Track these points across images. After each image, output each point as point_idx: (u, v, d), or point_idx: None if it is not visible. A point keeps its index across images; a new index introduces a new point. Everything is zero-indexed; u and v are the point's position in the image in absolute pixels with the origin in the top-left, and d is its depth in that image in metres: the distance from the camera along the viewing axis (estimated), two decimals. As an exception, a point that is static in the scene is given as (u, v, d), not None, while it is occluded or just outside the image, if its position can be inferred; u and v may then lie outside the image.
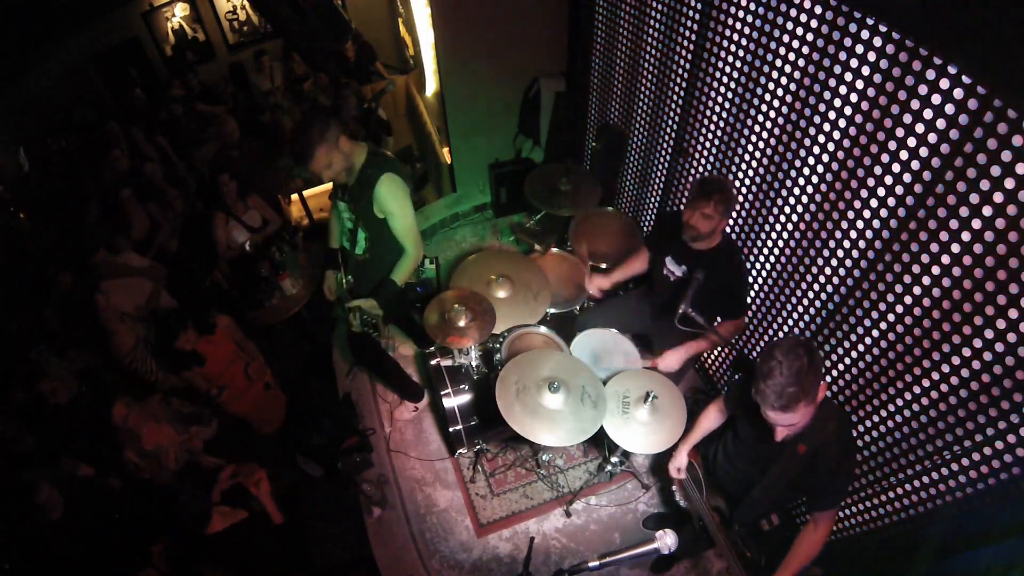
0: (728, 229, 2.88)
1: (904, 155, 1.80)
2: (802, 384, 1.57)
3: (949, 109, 1.61)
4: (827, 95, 2.06)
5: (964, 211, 1.64)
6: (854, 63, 1.90)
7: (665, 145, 3.33)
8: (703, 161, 2.96)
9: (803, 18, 2.06)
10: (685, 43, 2.84)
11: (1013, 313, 1.57)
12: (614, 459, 2.98)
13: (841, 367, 2.35)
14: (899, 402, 2.06)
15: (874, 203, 1.98)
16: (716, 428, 2.28)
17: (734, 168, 2.73)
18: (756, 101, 2.45)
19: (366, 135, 4.56)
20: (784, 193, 2.45)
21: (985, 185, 1.55)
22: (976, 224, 1.62)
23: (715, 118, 2.76)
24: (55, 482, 2.52)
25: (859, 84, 1.91)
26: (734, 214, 2.81)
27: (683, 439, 2.36)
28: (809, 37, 2.06)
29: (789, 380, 1.57)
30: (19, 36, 5.20)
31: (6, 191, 5.07)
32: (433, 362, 3.03)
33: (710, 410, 2.28)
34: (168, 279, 3.73)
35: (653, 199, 3.69)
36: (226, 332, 3.39)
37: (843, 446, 1.82)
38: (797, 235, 2.44)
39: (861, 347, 2.21)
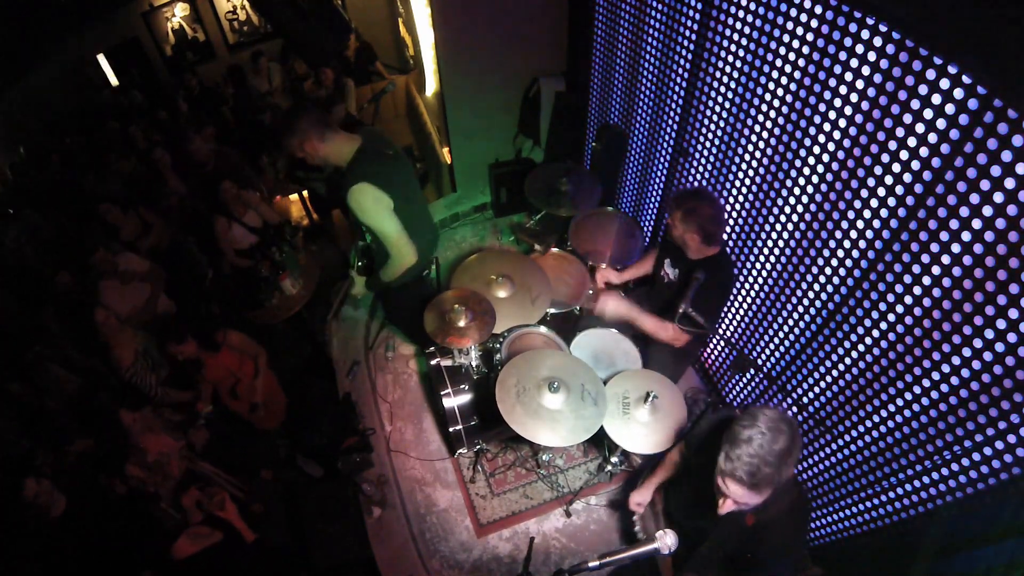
0: (727, 231, 2.89)
1: (904, 155, 1.80)
2: (779, 468, 1.45)
3: (949, 109, 1.61)
4: (827, 95, 2.06)
5: (964, 211, 1.64)
6: (854, 63, 1.90)
7: (665, 145, 3.33)
8: (703, 161, 2.96)
9: (803, 18, 2.06)
10: (685, 43, 2.84)
11: (1013, 313, 1.57)
12: (614, 459, 2.98)
13: (841, 367, 2.34)
14: (899, 402, 2.06)
15: (874, 203, 1.98)
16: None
17: (734, 168, 2.73)
18: (756, 101, 2.45)
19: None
20: (784, 193, 2.45)
21: (985, 185, 1.55)
22: (976, 224, 1.62)
23: (715, 118, 2.76)
24: (43, 476, 2.50)
25: (859, 84, 1.91)
26: (734, 214, 2.82)
27: (651, 476, 2.30)
28: (809, 37, 2.06)
29: (767, 459, 1.44)
30: (19, 36, 5.20)
31: (5, 191, 5.07)
32: (433, 362, 3.03)
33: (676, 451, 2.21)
34: (168, 281, 3.72)
35: (653, 199, 3.69)
36: (234, 347, 3.31)
37: (794, 526, 1.68)
38: (797, 235, 2.44)
39: (861, 347, 2.21)
